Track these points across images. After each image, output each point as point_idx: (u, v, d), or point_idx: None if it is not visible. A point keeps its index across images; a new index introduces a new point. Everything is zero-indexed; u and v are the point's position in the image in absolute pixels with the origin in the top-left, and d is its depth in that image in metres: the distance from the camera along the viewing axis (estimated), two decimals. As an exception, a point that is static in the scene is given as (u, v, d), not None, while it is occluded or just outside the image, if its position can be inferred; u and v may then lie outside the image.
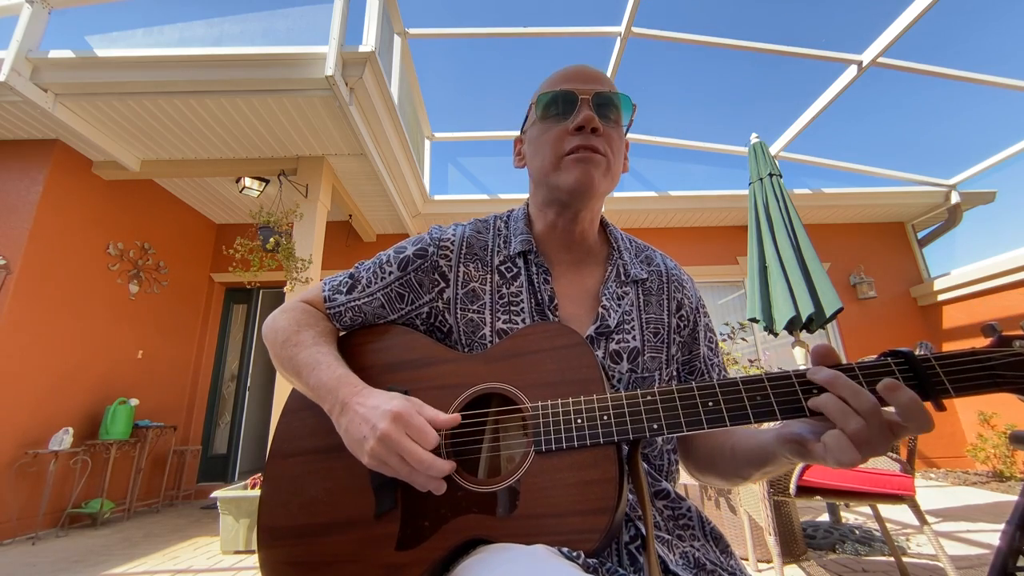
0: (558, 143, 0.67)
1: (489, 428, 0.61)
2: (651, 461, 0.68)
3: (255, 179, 4.31)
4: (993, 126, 5.30)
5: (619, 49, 4.08)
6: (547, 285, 0.71)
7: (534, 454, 0.54)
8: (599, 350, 0.68)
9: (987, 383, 0.42)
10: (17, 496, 3.27)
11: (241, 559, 2.66)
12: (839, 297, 2.80)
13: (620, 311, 0.71)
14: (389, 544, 0.55)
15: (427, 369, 0.65)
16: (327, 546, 0.58)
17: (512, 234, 0.77)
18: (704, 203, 5.50)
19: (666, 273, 0.79)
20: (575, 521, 0.48)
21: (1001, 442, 4.41)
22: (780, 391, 0.47)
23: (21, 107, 3.38)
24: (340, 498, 0.60)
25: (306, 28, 3.33)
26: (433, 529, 0.53)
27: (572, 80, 0.69)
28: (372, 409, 0.55)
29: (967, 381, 0.43)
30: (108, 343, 4.13)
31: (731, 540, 2.38)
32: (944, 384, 0.43)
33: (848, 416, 0.43)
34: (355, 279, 0.76)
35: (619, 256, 0.77)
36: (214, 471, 5.05)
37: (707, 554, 0.61)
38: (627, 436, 0.51)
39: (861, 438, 0.42)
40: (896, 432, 0.42)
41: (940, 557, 1.58)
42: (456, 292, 0.72)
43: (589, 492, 0.50)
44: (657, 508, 0.64)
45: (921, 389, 0.43)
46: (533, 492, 0.51)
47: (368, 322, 0.75)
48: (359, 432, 0.55)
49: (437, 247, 0.75)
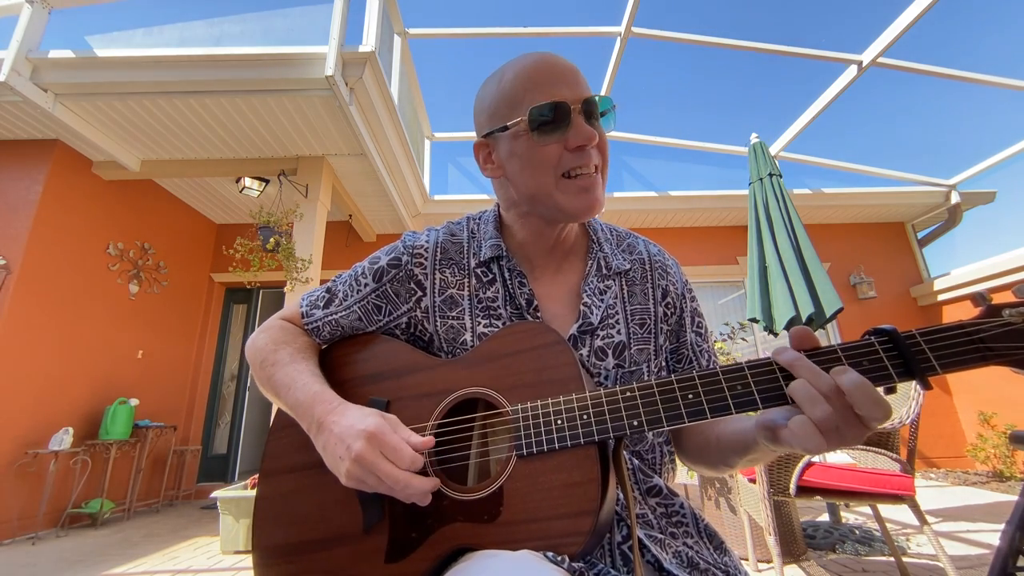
0: (555, 162, 0.63)
1: (476, 433, 0.60)
2: (643, 456, 0.67)
3: (255, 179, 4.31)
4: (993, 126, 5.30)
5: (619, 49, 4.08)
6: (524, 288, 0.70)
7: (516, 458, 0.53)
8: (584, 348, 0.67)
9: (975, 357, 0.39)
10: (17, 496, 3.27)
11: (241, 559, 2.66)
12: (839, 297, 2.80)
13: (603, 306, 0.70)
14: (379, 558, 0.55)
15: (408, 378, 0.65)
16: (320, 562, 0.58)
17: (483, 238, 0.75)
18: (704, 203, 5.50)
19: (649, 260, 0.77)
20: (558, 525, 0.48)
21: (1001, 442, 4.41)
22: (761, 379, 0.46)
23: (21, 107, 3.38)
24: (331, 513, 0.60)
25: (306, 28, 3.33)
26: (420, 540, 0.54)
27: (558, 83, 0.63)
28: (347, 429, 0.54)
29: (954, 356, 0.40)
30: (108, 343, 4.13)
31: (731, 540, 2.38)
32: (930, 360, 0.40)
33: (814, 401, 0.41)
34: (332, 293, 0.75)
35: (599, 248, 0.75)
36: (214, 471, 5.05)
37: (700, 552, 0.61)
38: (608, 435, 0.50)
39: (828, 424, 0.40)
40: (863, 420, 0.40)
41: (940, 557, 1.58)
42: (434, 300, 0.71)
43: (572, 494, 0.49)
44: (650, 506, 0.63)
45: (906, 367, 0.41)
46: (516, 497, 0.51)
47: (347, 335, 0.75)
48: (335, 452, 0.54)
49: (411, 255, 0.74)
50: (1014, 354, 0.38)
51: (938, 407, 5.06)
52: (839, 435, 0.41)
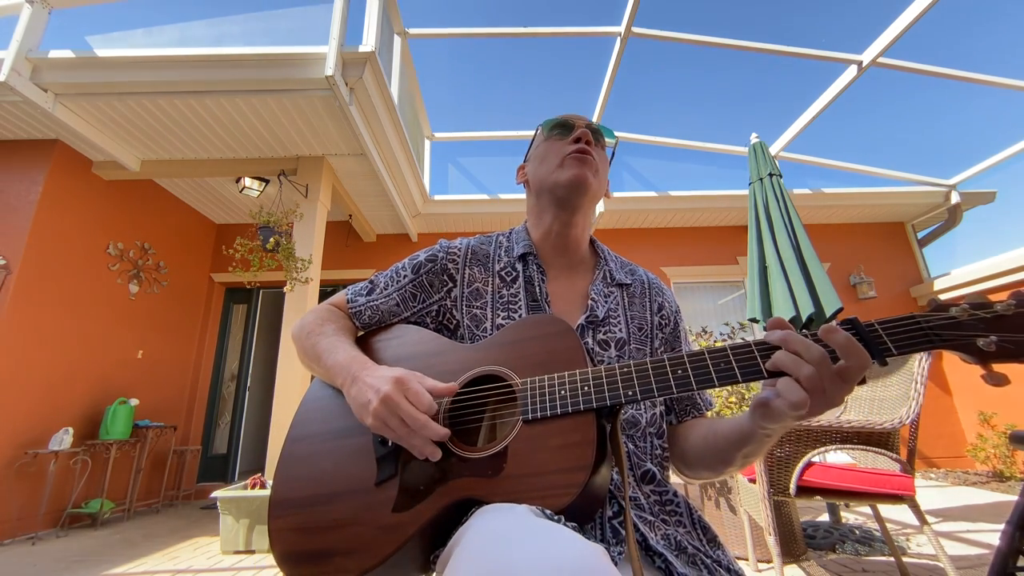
0: (560, 151, 0.83)
1: (488, 409, 0.66)
2: (635, 442, 0.72)
3: (255, 179, 4.31)
4: (993, 126, 5.30)
5: (619, 49, 4.08)
6: (543, 285, 0.81)
7: (522, 423, 0.58)
8: (588, 338, 0.76)
9: (923, 342, 0.47)
10: (17, 496, 3.27)
11: (241, 559, 2.66)
12: (839, 297, 2.80)
13: (607, 306, 0.81)
14: (387, 507, 0.59)
15: (432, 359, 0.73)
16: (331, 512, 0.62)
17: (515, 243, 0.88)
18: (704, 203, 5.50)
19: (647, 283, 0.90)
20: (555, 478, 0.52)
21: (1001, 442, 4.41)
22: (740, 356, 0.53)
23: (21, 107, 3.38)
24: (346, 470, 0.65)
25: (306, 28, 3.33)
26: (427, 492, 0.58)
27: (570, 116, 0.87)
28: (378, 377, 0.63)
29: (905, 340, 0.48)
30: (108, 343, 4.13)
31: (731, 540, 2.38)
32: (886, 343, 0.48)
33: (800, 365, 0.47)
34: (374, 284, 0.87)
35: (606, 263, 0.88)
36: (214, 471, 5.05)
37: (691, 540, 0.64)
38: (604, 402, 0.56)
39: (814, 384, 0.47)
40: (843, 376, 0.47)
41: (940, 557, 1.58)
42: (463, 291, 0.82)
43: (569, 453, 0.54)
44: (643, 492, 0.67)
45: (867, 348, 0.48)
46: (519, 455, 0.56)
47: (384, 320, 0.85)
48: (364, 397, 0.62)
49: (446, 253, 0.86)
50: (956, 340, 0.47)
51: (938, 407, 5.06)
52: (824, 396, 0.47)
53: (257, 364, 5.53)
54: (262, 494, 2.82)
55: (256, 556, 2.69)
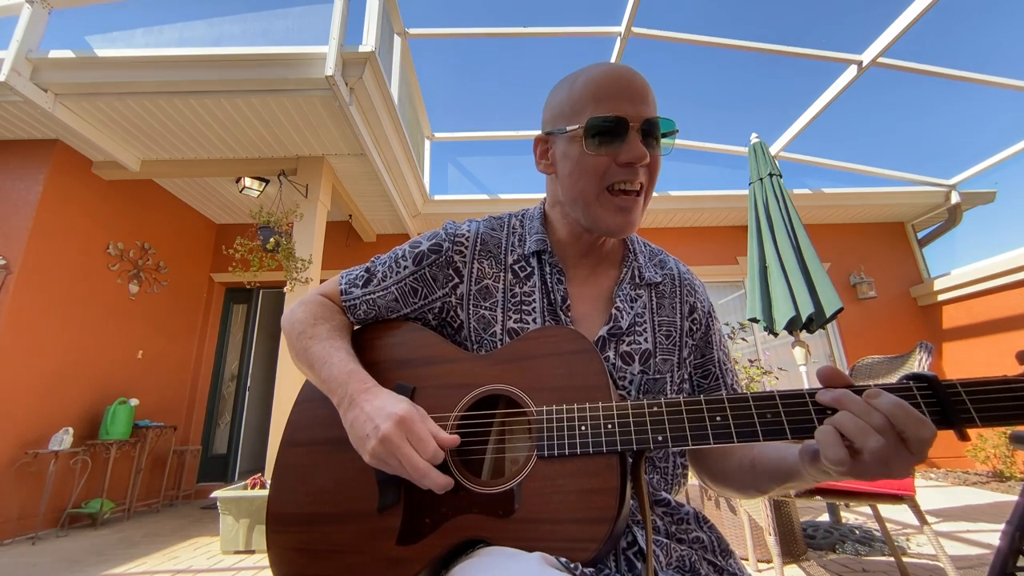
0: (603, 174, 0.64)
1: (494, 430, 0.61)
2: (656, 465, 0.67)
3: (255, 179, 4.31)
4: (993, 126, 5.31)
5: (619, 49, 4.08)
6: (560, 286, 0.71)
7: (536, 458, 0.53)
8: (610, 351, 0.68)
9: (1017, 414, 0.38)
10: (17, 496, 3.27)
11: (241, 559, 2.65)
12: (839, 297, 2.80)
13: (633, 313, 0.71)
14: (391, 538, 0.55)
15: (435, 367, 0.66)
16: (332, 536, 0.59)
17: (527, 233, 0.77)
18: (704, 203, 5.50)
19: (679, 277, 0.80)
20: (573, 529, 0.48)
21: (1001, 442, 4.41)
22: (792, 409, 0.46)
23: (21, 107, 3.38)
24: (347, 489, 0.61)
25: (306, 28, 3.33)
26: (434, 527, 0.54)
27: (623, 98, 0.63)
28: (378, 409, 0.56)
29: (995, 411, 0.39)
30: (108, 343, 4.13)
31: (731, 540, 2.38)
32: (970, 412, 0.40)
33: (866, 433, 0.40)
34: (371, 273, 0.77)
35: (635, 259, 0.77)
36: (214, 471, 5.05)
37: (705, 554, 0.61)
38: (631, 447, 0.50)
39: (880, 456, 0.40)
40: (909, 447, 0.40)
41: (940, 557, 1.58)
42: (470, 288, 0.73)
43: (589, 501, 0.49)
44: (657, 514, 0.64)
45: (943, 416, 0.40)
46: (533, 497, 0.51)
47: (382, 316, 0.76)
48: (363, 430, 0.56)
49: (452, 243, 0.75)
50: None
51: (938, 407, 5.05)
52: (887, 467, 0.41)
53: (257, 364, 5.52)
54: (262, 494, 2.81)
55: (256, 556, 2.69)
